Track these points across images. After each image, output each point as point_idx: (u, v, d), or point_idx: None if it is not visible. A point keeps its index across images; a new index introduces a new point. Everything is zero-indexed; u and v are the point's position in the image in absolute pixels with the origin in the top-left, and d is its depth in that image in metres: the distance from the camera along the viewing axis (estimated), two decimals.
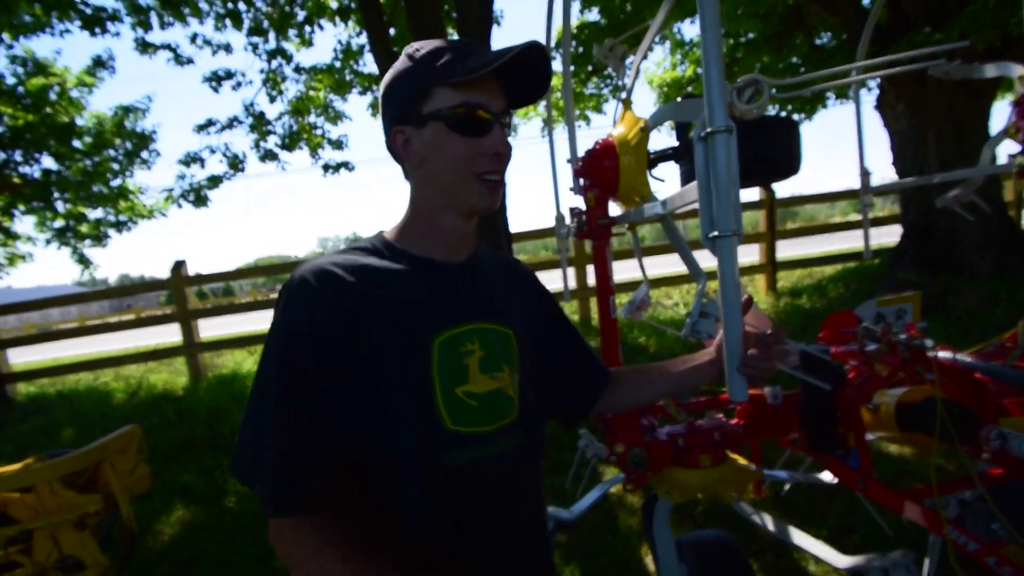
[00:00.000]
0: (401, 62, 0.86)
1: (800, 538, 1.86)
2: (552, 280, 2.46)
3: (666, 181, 1.76)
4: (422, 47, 0.84)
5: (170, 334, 7.16)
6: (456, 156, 0.82)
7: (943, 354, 1.74)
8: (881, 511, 2.20)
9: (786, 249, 9.11)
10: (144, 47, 6.46)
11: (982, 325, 4.40)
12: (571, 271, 5.94)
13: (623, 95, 1.89)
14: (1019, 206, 5.57)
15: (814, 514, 2.59)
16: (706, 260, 1.20)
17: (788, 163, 1.65)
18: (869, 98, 6.70)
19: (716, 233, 0.90)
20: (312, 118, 7.68)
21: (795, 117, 7.87)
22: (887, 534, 2.26)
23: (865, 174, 2.67)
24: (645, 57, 1.95)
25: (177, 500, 3.59)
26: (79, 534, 2.35)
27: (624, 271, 2.44)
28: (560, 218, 2.55)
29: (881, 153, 5.95)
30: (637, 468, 1.76)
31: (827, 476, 2.06)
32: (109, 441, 2.53)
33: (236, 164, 7.24)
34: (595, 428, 2.46)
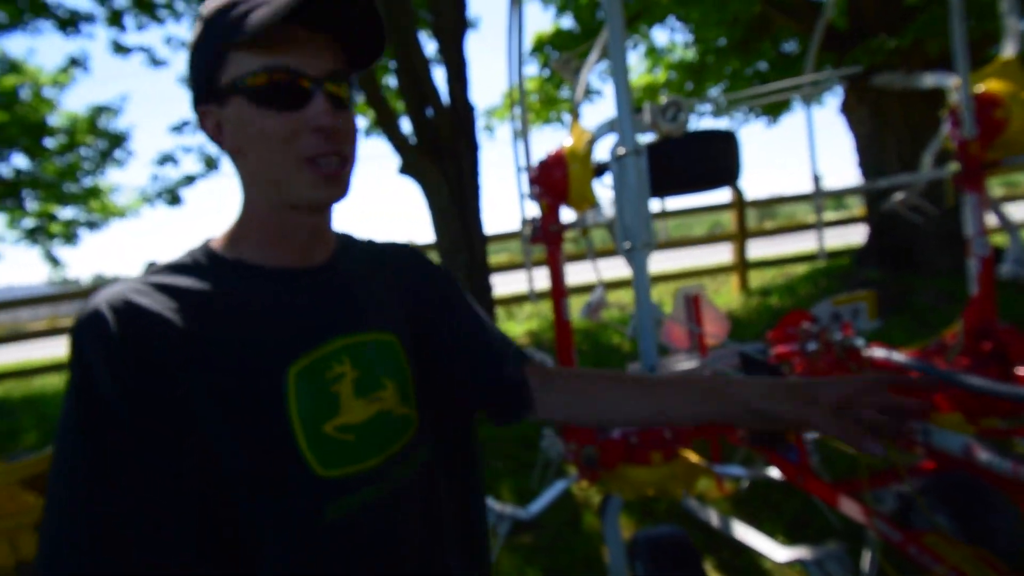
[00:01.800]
0: (196, 25, 0.67)
1: (743, 533, 1.93)
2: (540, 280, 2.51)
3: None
4: (212, 2, 0.65)
5: None
6: (268, 137, 0.63)
7: (877, 352, 1.82)
8: (831, 506, 2.29)
9: (765, 248, 9.31)
10: (118, 48, 6.40)
11: (940, 322, 4.55)
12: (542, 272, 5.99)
13: (574, 107, 1.95)
14: (959, 209, 5.78)
15: (771, 509, 2.68)
16: (671, 262, 1.24)
17: (727, 172, 1.73)
18: (834, 103, 6.86)
19: (629, 245, 0.96)
20: None
21: (762, 121, 8.04)
22: (836, 528, 2.35)
23: (816, 178, 2.76)
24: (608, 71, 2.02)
25: None
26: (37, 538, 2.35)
27: (606, 271, 2.50)
28: (524, 222, 2.61)
29: (850, 154, 6.12)
30: (589, 465, 1.82)
31: (775, 471, 2.15)
32: None
33: (211, 163, 7.19)
34: (558, 428, 2.52)
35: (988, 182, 2.10)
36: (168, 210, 7.20)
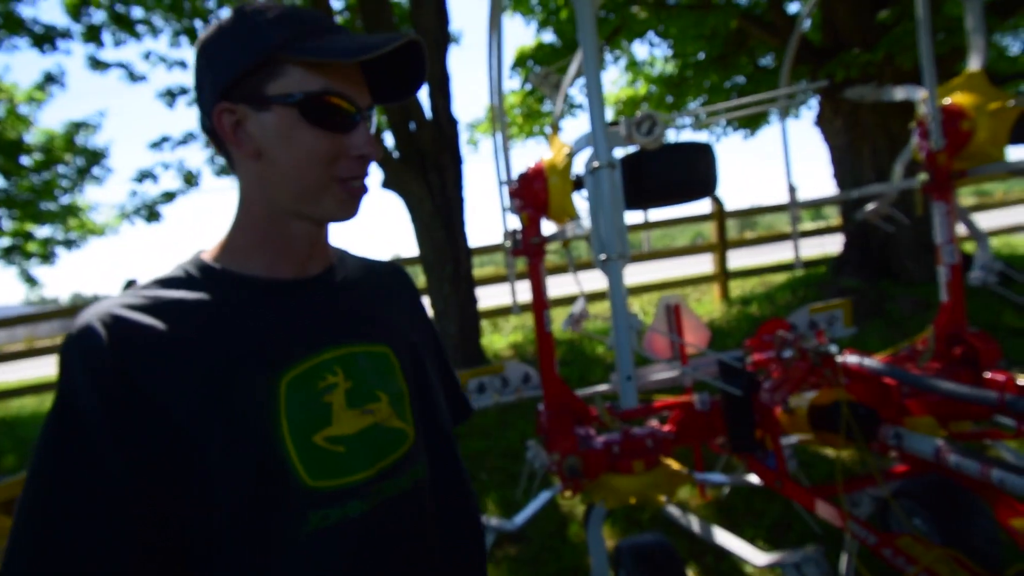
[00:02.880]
0: (232, 19, 0.66)
1: (724, 538, 1.95)
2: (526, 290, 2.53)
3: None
4: (264, 7, 0.67)
5: None
6: (312, 154, 0.66)
7: (851, 359, 1.87)
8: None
9: (746, 258, 9.42)
10: (96, 64, 6.36)
11: (916, 328, 4.65)
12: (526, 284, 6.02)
13: (553, 121, 1.98)
14: (927, 219, 5.96)
15: (753, 514, 2.70)
16: (654, 273, 1.25)
17: (704, 183, 1.77)
18: (810, 115, 7.02)
19: (604, 256, 0.98)
20: None
21: (740, 133, 8.20)
22: (816, 531, 2.38)
23: (792, 189, 2.83)
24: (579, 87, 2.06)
25: None
26: None
27: (588, 283, 2.52)
28: (506, 235, 2.63)
29: (826, 165, 6.25)
30: (573, 476, 1.84)
31: (755, 477, 2.18)
32: None
33: (191, 180, 7.14)
34: (542, 439, 2.53)
35: (958, 191, 2.17)
36: (147, 227, 7.10)
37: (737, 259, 6.72)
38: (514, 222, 2.27)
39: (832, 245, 7.64)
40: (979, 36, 2.11)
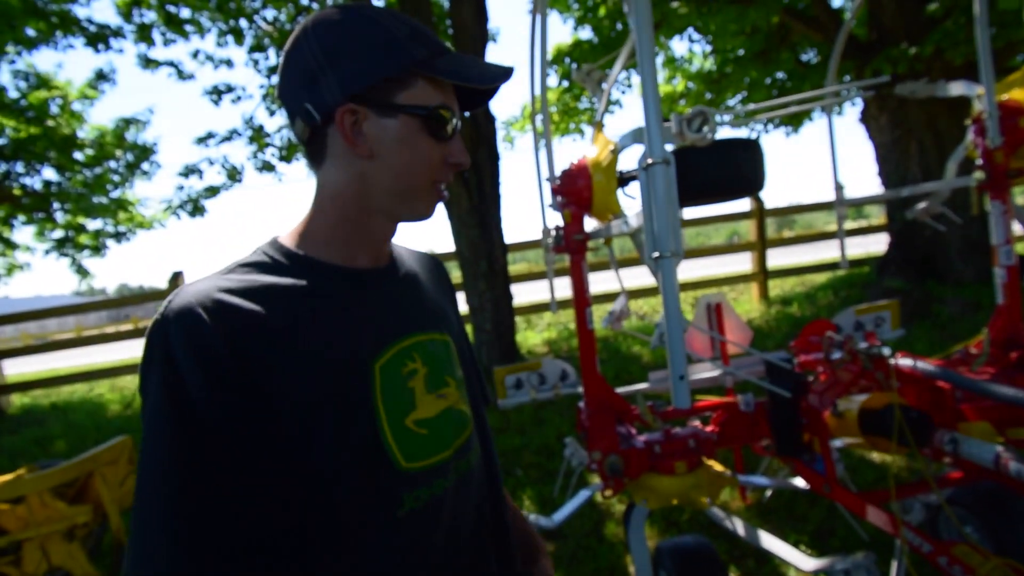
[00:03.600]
0: (362, 23, 0.69)
1: (770, 542, 1.93)
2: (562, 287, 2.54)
3: (636, 199, 1.85)
4: (394, 16, 0.71)
5: None
6: (425, 160, 0.71)
7: (903, 361, 1.82)
8: (857, 516, 2.27)
9: (784, 257, 9.23)
10: (147, 63, 6.59)
11: (965, 331, 4.48)
12: (565, 280, 6.02)
13: (597, 118, 1.98)
14: (983, 218, 5.73)
15: (796, 519, 2.66)
16: (690, 271, 1.24)
17: (752, 181, 1.74)
18: (853, 112, 6.83)
19: (657, 254, 0.98)
20: None
21: (781, 130, 8.00)
22: (863, 538, 2.33)
23: (839, 188, 2.76)
24: (628, 81, 2.05)
25: None
26: (68, 545, 2.39)
27: (626, 280, 2.50)
28: (546, 231, 2.64)
29: (871, 163, 6.08)
30: (614, 475, 1.83)
31: (801, 481, 2.14)
32: (100, 452, 2.58)
33: (234, 175, 7.34)
34: (580, 437, 2.54)
35: (1014, 191, 2.09)
36: (190, 221, 7.33)
37: (775, 258, 6.57)
38: (554, 219, 2.27)
39: (874, 245, 7.42)
40: None
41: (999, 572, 1.31)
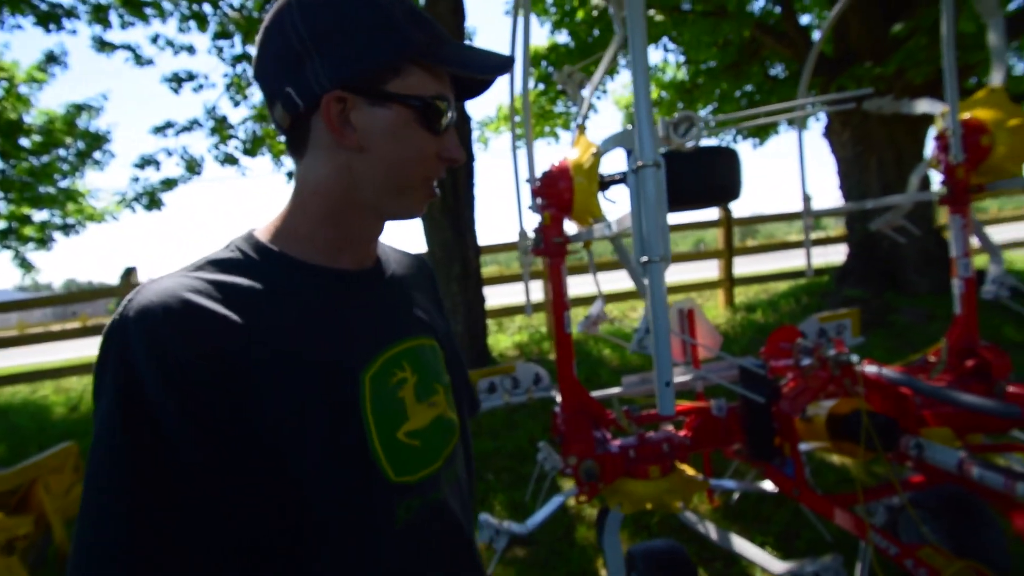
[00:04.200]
0: (360, 5, 0.63)
1: (741, 545, 1.95)
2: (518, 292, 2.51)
3: (617, 203, 1.85)
4: (399, 4, 0.65)
5: None
6: (418, 154, 0.66)
7: (869, 368, 1.87)
8: (822, 518, 2.32)
9: (746, 265, 9.46)
10: (102, 45, 6.30)
11: (919, 339, 4.67)
12: (538, 284, 6.02)
13: (578, 120, 1.97)
14: (939, 232, 5.99)
15: (761, 521, 2.71)
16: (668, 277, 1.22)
17: (730, 188, 1.76)
18: (817, 126, 7.07)
19: (646, 258, 0.97)
20: None
21: (748, 143, 8.23)
22: (827, 540, 2.39)
23: (807, 199, 2.83)
24: (604, 87, 2.05)
25: None
26: (7, 559, 2.24)
27: (604, 284, 2.51)
28: (523, 234, 2.62)
29: (832, 176, 6.30)
30: (589, 480, 1.83)
31: (769, 484, 2.17)
32: (44, 459, 2.45)
33: (193, 167, 7.08)
34: (553, 441, 2.53)
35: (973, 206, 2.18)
36: (146, 215, 7.04)
37: (739, 266, 6.75)
38: (531, 221, 2.25)
39: (833, 255, 7.68)
40: (1001, 53, 2.12)
41: (964, 574, 1.35)
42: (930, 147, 2.22)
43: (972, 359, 2.06)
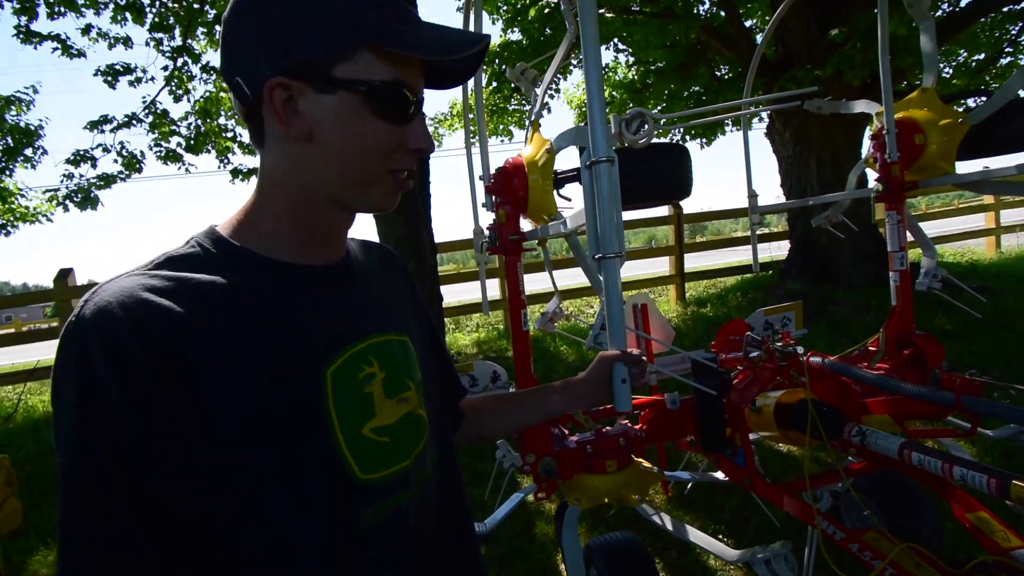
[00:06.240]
0: None
1: (695, 535, 1.99)
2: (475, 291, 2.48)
3: (572, 200, 1.85)
4: None
5: (54, 350, 6.51)
6: (373, 145, 0.63)
7: (813, 359, 1.94)
8: (771, 504, 2.40)
9: (696, 261, 9.74)
10: (27, 35, 5.89)
11: (857, 330, 4.91)
12: (495, 283, 6.01)
13: (532, 117, 1.97)
14: (873, 228, 6.29)
15: (713, 509, 2.78)
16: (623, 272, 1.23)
17: (681, 185, 1.79)
18: (760, 126, 7.33)
19: (601, 254, 0.97)
20: (222, 120, 7.30)
21: (696, 142, 8.46)
22: (776, 525, 2.47)
23: (752, 196, 2.92)
24: (556, 85, 2.05)
25: (54, 538, 3.27)
26: None
27: (560, 280, 2.50)
28: (479, 232, 2.59)
29: (774, 175, 6.54)
30: (548, 476, 1.83)
31: (721, 474, 2.23)
32: None
33: (132, 164, 6.73)
34: (511, 438, 2.52)
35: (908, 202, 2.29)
36: (82, 214, 6.63)
37: (689, 262, 6.93)
38: (486, 219, 2.23)
39: (776, 250, 7.99)
40: (932, 56, 2.23)
41: (905, 555, 1.41)
42: (866, 146, 2.32)
43: (908, 348, 2.16)
